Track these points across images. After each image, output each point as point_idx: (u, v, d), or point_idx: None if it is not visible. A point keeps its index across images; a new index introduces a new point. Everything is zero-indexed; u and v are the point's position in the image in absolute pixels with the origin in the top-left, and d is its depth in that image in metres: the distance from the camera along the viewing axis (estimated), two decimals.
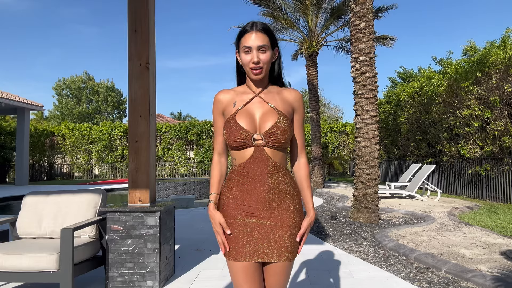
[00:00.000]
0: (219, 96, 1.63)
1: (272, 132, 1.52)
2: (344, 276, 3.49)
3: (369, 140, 6.33)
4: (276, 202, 1.54)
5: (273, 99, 1.60)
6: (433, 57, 13.17)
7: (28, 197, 3.45)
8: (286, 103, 1.61)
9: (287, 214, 1.55)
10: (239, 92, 1.62)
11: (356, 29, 6.48)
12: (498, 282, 3.02)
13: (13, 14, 61.69)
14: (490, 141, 9.23)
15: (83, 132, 22.64)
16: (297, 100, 1.64)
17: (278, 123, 1.53)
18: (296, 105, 1.64)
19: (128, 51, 3.40)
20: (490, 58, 8.93)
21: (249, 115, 1.56)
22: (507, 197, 8.72)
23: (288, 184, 1.57)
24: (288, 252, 1.52)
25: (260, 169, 1.53)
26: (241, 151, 1.55)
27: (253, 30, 1.55)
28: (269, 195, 1.53)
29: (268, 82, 1.65)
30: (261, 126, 1.54)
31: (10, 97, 16.14)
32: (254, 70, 1.54)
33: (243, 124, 1.53)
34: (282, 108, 1.58)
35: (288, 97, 1.63)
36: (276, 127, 1.52)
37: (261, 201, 1.53)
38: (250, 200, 1.53)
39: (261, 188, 1.53)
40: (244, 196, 1.55)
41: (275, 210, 1.54)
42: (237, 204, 1.55)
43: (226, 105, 1.61)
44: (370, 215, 6.17)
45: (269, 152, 1.54)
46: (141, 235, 3.10)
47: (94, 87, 38.78)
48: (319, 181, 13.41)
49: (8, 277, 2.73)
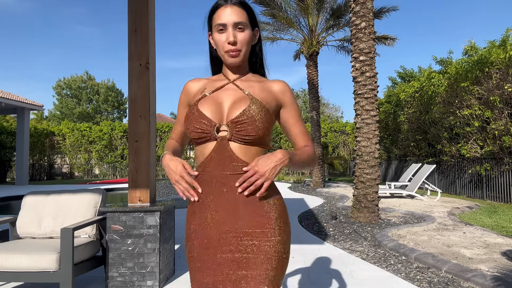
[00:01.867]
0: (188, 85, 1.36)
1: (238, 121, 1.20)
2: (344, 276, 3.49)
3: (369, 139, 6.33)
4: (249, 213, 1.18)
5: (251, 86, 1.30)
6: (433, 56, 13.18)
7: (28, 197, 3.45)
8: (268, 93, 1.30)
9: (266, 225, 1.19)
10: (213, 80, 1.36)
11: (356, 28, 6.48)
12: (498, 282, 3.02)
13: (14, 14, 61.75)
14: (490, 141, 9.22)
15: (83, 132, 22.65)
16: (284, 92, 1.32)
17: (247, 109, 1.21)
18: (284, 98, 1.33)
19: (128, 51, 3.40)
20: (490, 58, 8.93)
21: (215, 102, 1.26)
22: (507, 197, 8.72)
23: (263, 191, 1.19)
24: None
25: (221, 169, 1.19)
26: (201, 146, 1.25)
27: (228, 3, 1.26)
28: (238, 203, 1.18)
29: (248, 70, 1.38)
30: (228, 114, 1.23)
31: (10, 96, 16.13)
32: (230, 53, 1.24)
33: (207, 112, 1.23)
34: (259, 96, 1.27)
35: (272, 88, 1.32)
36: (244, 114, 1.20)
37: (228, 211, 1.18)
38: (216, 210, 1.19)
39: (224, 189, 1.18)
40: (206, 207, 1.21)
41: (248, 223, 1.18)
42: (204, 217, 1.21)
43: (195, 95, 1.33)
44: (370, 214, 6.17)
45: (236, 148, 1.20)
46: (141, 235, 3.10)
47: (94, 87, 38.78)
48: (319, 180, 13.42)
49: (8, 277, 2.72)
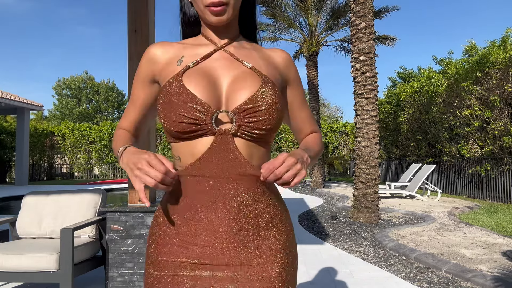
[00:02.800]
0: (154, 51, 0.96)
1: (249, 108, 0.87)
2: (344, 276, 3.49)
3: (369, 140, 6.34)
4: (250, 237, 0.88)
5: (250, 56, 0.97)
6: (433, 56, 13.19)
7: (28, 197, 3.45)
8: (272, 67, 0.98)
9: (270, 257, 0.89)
10: (190, 45, 0.98)
11: (356, 28, 6.48)
12: (498, 282, 3.02)
13: (14, 15, 61.78)
14: (490, 141, 9.22)
15: (83, 132, 22.64)
16: (288, 66, 1.02)
17: (260, 91, 0.88)
18: (288, 73, 1.02)
19: (128, 51, 3.40)
20: (490, 58, 8.94)
21: (208, 77, 0.90)
22: (507, 197, 8.72)
23: (272, 205, 0.93)
24: None
25: (224, 175, 0.87)
26: (190, 143, 0.89)
27: None
28: (239, 225, 0.87)
29: (239, 33, 1.03)
30: (230, 97, 0.89)
31: (10, 97, 16.12)
32: (214, 8, 0.89)
33: (198, 92, 0.86)
34: (266, 72, 0.95)
35: (275, 59, 1.01)
36: (257, 98, 0.87)
37: (223, 237, 0.87)
38: (203, 234, 0.87)
39: (224, 211, 0.87)
40: (193, 227, 0.88)
41: (247, 253, 0.88)
42: (179, 242, 0.89)
43: (165, 65, 0.94)
44: (370, 215, 6.17)
45: (242, 145, 0.88)
46: (141, 235, 3.10)
47: (94, 87, 38.78)
48: (319, 181, 13.42)
49: (8, 277, 2.72)
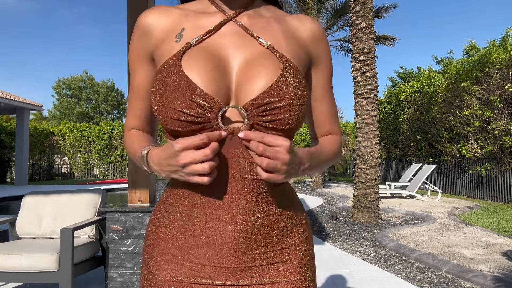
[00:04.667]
0: (147, 20, 0.78)
1: (267, 104, 0.69)
2: (345, 276, 3.48)
3: (370, 140, 6.33)
4: (262, 255, 0.74)
5: (268, 30, 0.77)
6: (433, 56, 13.18)
7: (28, 197, 3.44)
8: (296, 43, 0.78)
9: (287, 276, 0.75)
10: (192, 12, 0.79)
11: (357, 28, 6.48)
12: (498, 282, 3.01)
13: (14, 15, 61.79)
14: (491, 141, 9.22)
15: (82, 132, 22.63)
16: (318, 40, 0.80)
17: (281, 83, 0.70)
18: (317, 50, 0.80)
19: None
20: (490, 57, 8.93)
21: (214, 61, 0.72)
22: (507, 197, 8.72)
23: (289, 215, 0.78)
24: None
25: (232, 183, 0.72)
26: None
27: None
28: (248, 241, 0.72)
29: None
30: (242, 88, 0.71)
31: (9, 96, 16.12)
32: None
33: (201, 81, 0.69)
34: (288, 51, 0.75)
35: (300, 31, 0.79)
36: (275, 90, 0.70)
37: (228, 256, 0.72)
38: (204, 251, 0.73)
39: (231, 226, 0.71)
40: (193, 243, 0.74)
41: (260, 272, 0.74)
42: (176, 260, 0.75)
43: (161, 41, 0.76)
44: (371, 215, 6.17)
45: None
46: (141, 235, 3.09)
47: (94, 86, 38.78)
48: (319, 181, 13.41)
49: (8, 277, 2.72)
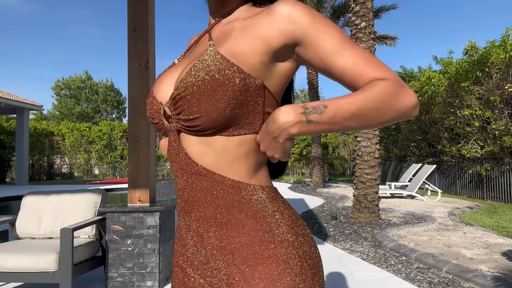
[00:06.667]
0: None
1: (176, 96, 0.71)
2: (345, 276, 3.48)
3: (370, 140, 6.33)
4: (215, 257, 0.73)
5: (230, 29, 0.75)
6: (433, 56, 13.15)
7: (28, 197, 3.44)
8: (255, 33, 0.71)
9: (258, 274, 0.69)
10: (203, 32, 0.87)
11: (356, 28, 6.47)
12: (498, 282, 3.01)
13: (14, 15, 61.81)
14: (491, 141, 9.22)
15: (82, 132, 22.62)
16: (291, 20, 0.69)
17: (189, 73, 0.69)
18: (294, 29, 0.70)
19: (128, 50, 3.39)
20: (490, 57, 8.93)
21: (176, 72, 0.78)
22: (507, 197, 8.72)
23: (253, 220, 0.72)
24: None
25: (183, 179, 0.75)
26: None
27: None
28: (201, 245, 0.75)
29: (243, 1, 0.82)
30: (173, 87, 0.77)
31: (9, 97, 16.11)
32: None
33: (158, 87, 0.79)
34: (228, 44, 0.71)
35: (261, 23, 0.72)
36: (182, 82, 0.69)
37: (193, 253, 0.77)
38: (189, 258, 0.78)
39: (185, 222, 0.77)
40: (179, 248, 0.81)
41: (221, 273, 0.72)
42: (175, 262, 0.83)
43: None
44: (371, 215, 6.17)
45: (190, 142, 0.73)
46: (141, 235, 3.09)
47: (93, 86, 38.76)
48: (319, 181, 13.43)
49: (8, 277, 2.72)
